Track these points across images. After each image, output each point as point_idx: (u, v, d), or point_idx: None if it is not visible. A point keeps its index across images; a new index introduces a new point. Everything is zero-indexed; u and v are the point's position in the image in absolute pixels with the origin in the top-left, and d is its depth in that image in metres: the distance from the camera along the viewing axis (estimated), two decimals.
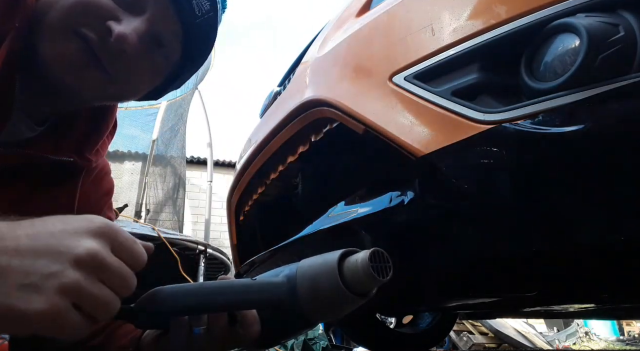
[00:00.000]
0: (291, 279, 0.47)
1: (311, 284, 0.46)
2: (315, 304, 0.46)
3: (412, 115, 0.62)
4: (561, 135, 0.47)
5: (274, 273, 0.50)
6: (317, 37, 1.11)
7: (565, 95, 0.48)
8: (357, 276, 0.44)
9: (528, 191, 0.52)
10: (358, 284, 0.44)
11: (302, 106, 0.88)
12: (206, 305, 0.46)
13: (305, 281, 0.46)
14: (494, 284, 1.05)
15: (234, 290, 0.46)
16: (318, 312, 0.46)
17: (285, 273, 0.49)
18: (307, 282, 0.46)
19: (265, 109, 1.29)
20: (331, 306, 0.46)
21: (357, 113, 0.71)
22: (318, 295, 0.45)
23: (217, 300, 0.45)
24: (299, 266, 0.48)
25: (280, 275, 0.49)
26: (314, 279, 0.46)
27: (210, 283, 0.48)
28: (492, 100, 0.55)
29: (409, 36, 0.67)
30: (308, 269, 0.48)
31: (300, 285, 0.46)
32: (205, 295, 0.46)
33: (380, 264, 0.43)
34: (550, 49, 0.52)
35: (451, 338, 4.34)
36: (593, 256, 0.74)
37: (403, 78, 0.64)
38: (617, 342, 6.36)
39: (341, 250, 0.46)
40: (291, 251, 0.96)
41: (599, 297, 1.09)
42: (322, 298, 0.45)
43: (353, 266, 0.45)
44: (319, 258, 0.48)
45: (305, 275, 0.47)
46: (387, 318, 2.46)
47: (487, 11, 0.57)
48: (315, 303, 0.46)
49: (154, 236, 2.36)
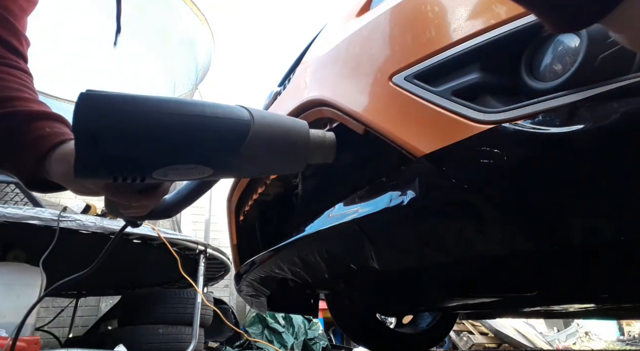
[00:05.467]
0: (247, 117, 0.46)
1: (273, 124, 0.46)
2: (265, 145, 0.45)
3: (412, 115, 0.62)
4: (561, 135, 0.47)
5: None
6: (317, 37, 1.11)
7: (565, 95, 0.48)
8: (320, 141, 0.49)
9: (528, 191, 0.52)
10: (319, 148, 0.49)
11: (302, 106, 0.88)
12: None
13: (264, 121, 0.46)
14: (494, 284, 1.05)
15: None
16: (258, 156, 0.46)
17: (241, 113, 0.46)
18: (268, 122, 0.46)
19: (265, 109, 1.29)
20: (277, 152, 0.47)
21: (357, 114, 0.71)
22: (274, 135, 0.46)
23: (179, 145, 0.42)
24: (251, 110, 0.47)
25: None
26: (279, 121, 0.47)
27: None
28: (492, 100, 0.55)
29: (409, 36, 0.67)
30: (268, 116, 0.47)
31: (258, 121, 0.45)
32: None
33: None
34: (550, 49, 0.52)
35: (451, 338, 4.34)
36: (593, 256, 0.75)
37: (403, 78, 0.64)
38: (617, 342, 6.35)
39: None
40: (291, 251, 0.96)
41: (599, 297, 1.09)
42: (276, 141, 0.46)
43: (320, 133, 0.49)
44: (275, 114, 0.49)
45: (266, 117, 0.46)
46: (387, 318, 2.46)
47: (487, 11, 0.57)
48: (267, 143, 0.45)
49: (154, 236, 2.35)
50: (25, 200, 2.44)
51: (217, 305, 3.38)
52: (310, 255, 0.91)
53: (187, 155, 0.43)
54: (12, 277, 2.14)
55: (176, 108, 0.42)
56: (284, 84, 1.20)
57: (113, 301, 4.18)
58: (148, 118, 0.41)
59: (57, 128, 0.56)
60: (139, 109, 0.41)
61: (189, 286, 2.69)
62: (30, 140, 0.53)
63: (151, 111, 0.41)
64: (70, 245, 2.25)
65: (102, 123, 0.39)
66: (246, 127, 0.44)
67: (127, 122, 0.40)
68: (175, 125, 0.42)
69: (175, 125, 0.42)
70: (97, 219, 2.20)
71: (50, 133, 0.55)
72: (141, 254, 2.63)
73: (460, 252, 0.64)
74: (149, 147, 0.41)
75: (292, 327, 3.90)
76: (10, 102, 0.55)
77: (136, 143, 0.41)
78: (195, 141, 0.43)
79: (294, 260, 0.97)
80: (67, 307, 3.97)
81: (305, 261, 0.95)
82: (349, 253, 0.84)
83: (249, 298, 1.50)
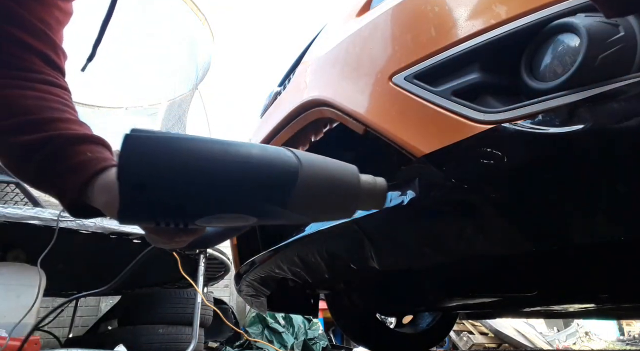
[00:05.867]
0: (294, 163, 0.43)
1: (321, 172, 0.43)
2: (313, 194, 0.43)
3: (412, 115, 0.62)
4: (561, 135, 0.47)
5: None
6: (317, 37, 1.11)
7: (565, 95, 0.48)
8: (371, 188, 0.45)
9: (528, 191, 0.52)
10: (369, 196, 0.45)
11: (302, 106, 0.88)
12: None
13: (313, 168, 0.43)
14: (494, 284, 1.05)
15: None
16: (304, 206, 0.44)
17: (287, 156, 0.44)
18: (316, 170, 0.43)
19: (265, 109, 1.29)
20: (327, 201, 0.44)
21: (357, 114, 0.71)
22: (324, 184, 0.43)
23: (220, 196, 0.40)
24: (297, 154, 0.44)
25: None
26: (327, 169, 0.44)
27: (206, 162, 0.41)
28: (492, 100, 0.55)
29: (409, 36, 0.67)
30: (316, 160, 0.45)
31: (307, 169, 0.43)
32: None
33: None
34: (550, 49, 0.52)
35: (451, 338, 4.34)
36: (593, 256, 0.75)
37: (403, 78, 0.64)
38: (617, 342, 6.35)
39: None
40: (291, 251, 0.96)
41: (599, 297, 1.09)
42: (326, 190, 0.44)
43: (370, 180, 0.46)
44: (322, 157, 0.46)
45: (315, 164, 0.44)
46: (387, 318, 2.46)
47: (487, 11, 0.57)
48: (315, 192, 0.43)
49: None
50: (25, 200, 2.44)
51: (217, 305, 3.37)
52: (310, 255, 0.91)
53: (232, 205, 0.42)
54: (12, 277, 2.14)
55: (223, 154, 0.41)
56: (284, 84, 1.20)
57: (113, 301, 4.17)
58: (195, 167, 0.40)
59: (99, 153, 0.55)
60: (186, 156, 0.40)
61: (189, 286, 2.69)
62: (74, 165, 0.52)
63: (198, 157, 0.40)
64: (70, 245, 2.25)
65: (148, 171, 0.38)
66: (294, 174, 0.42)
67: (174, 170, 0.39)
68: (222, 174, 0.40)
69: (222, 174, 0.40)
70: (97, 219, 2.20)
71: (93, 158, 0.53)
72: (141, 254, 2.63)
73: (461, 252, 0.64)
74: (194, 197, 0.40)
75: (292, 327, 3.90)
76: (52, 124, 0.54)
77: (182, 193, 0.40)
78: (242, 191, 0.41)
79: (294, 260, 0.97)
80: (67, 307, 3.97)
81: (305, 261, 0.95)
82: (349, 253, 0.84)
83: (249, 298, 1.50)
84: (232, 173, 0.41)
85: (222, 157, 0.41)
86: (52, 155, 0.53)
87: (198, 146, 0.41)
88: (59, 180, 0.53)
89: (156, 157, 0.39)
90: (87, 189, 0.52)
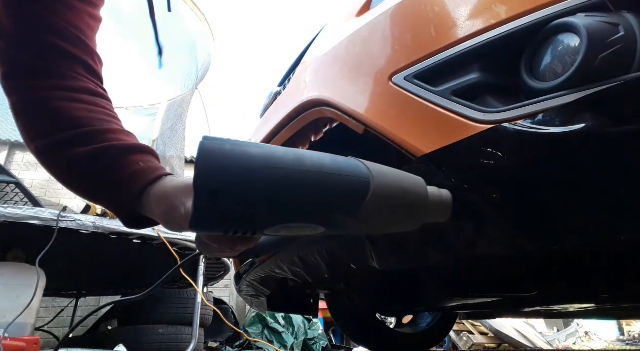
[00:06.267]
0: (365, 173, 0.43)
1: (392, 184, 0.43)
2: (385, 206, 0.43)
3: (412, 115, 0.62)
4: (561, 135, 0.47)
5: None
6: (317, 37, 1.11)
7: (565, 95, 0.48)
8: (438, 201, 0.45)
9: (528, 191, 0.52)
10: (437, 209, 0.45)
11: (302, 106, 0.88)
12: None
13: (384, 180, 0.43)
14: (494, 284, 1.05)
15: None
16: (374, 217, 0.43)
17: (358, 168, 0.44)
18: (388, 181, 0.43)
19: (265, 109, 1.29)
20: (398, 213, 0.44)
21: (357, 113, 0.71)
22: (395, 196, 0.43)
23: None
24: (368, 165, 0.44)
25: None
26: (398, 181, 0.44)
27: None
28: (492, 100, 0.55)
29: (409, 36, 0.67)
30: (386, 172, 0.44)
31: (378, 181, 0.42)
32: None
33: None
34: (550, 49, 0.52)
35: (451, 338, 4.34)
36: (592, 256, 0.75)
37: (403, 78, 0.64)
38: (617, 342, 6.35)
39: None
40: (291, 251, 0.96)
41: (599, 297, 1.09)
42: (397, 203, 0.43)
43: (437, 192, 0.47)
44: (391, 169, 0.46)
45: (385, 175, 0.44)
46: (387, 318, 2.46)
47: (487, 11, 0.57)
48: (387, 204, 0.43)
49: (155, 236, 2.35)
50: (25, 200, 2.44)
51: (217, 305, 3.38)
52: (310, 255, 0.92)
53: (304, 214, 0.42)
54: (12, 277, 2.14)
55: (296, 163, 0.41)
56: (284, 84, 1.20)
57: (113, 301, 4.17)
58: (269, 176, 0.40)
59: (150, 163, 0.55)
60: (260, 165, 0.40)
61: (189, 286, 2.69)
62: (127, 176, 0.52)
63: (271, 166, 0.40)
64: (70, 245, 2.25)
65: (223, 180, 0.39)
66: (366, 186, 0.42)
67: (249, 179, 0.39)
68: (296, 184, 0.40)
69: (296, 184, 0.40)
70: (97, 219, 2.20)
71: (146, 169, 0.53)
72: (141, 254, 2.64)
73: (461, 252, 0.64)
74: (268, 207, 0.41)
75: (292, 327, 3.90)
76: (102, 136, 0.54)
77: (256, 202, 0.40)
78: (314, 201, 0.41)
79: (294, 260, 0.97)
80: (67, 307, 3.97)
81: (305, 261, 0.95)
82: (349, 253, 0.84)
83: (249, 298, 1.50)
84: (305, 183, 0.41)
85: (295, 166, 0.41)
86: (105, 167, 0.53)
87: (271, 155, 0.41)
88: (115, 192, 0.53)
89: (231, 166, 0.39)
90: (142, 199, 0.52)
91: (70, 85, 0.56)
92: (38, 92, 0.54)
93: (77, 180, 0.56)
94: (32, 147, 0.55)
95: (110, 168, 0.53)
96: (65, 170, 0.55)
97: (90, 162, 0.53)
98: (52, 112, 0.54)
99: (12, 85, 0.55)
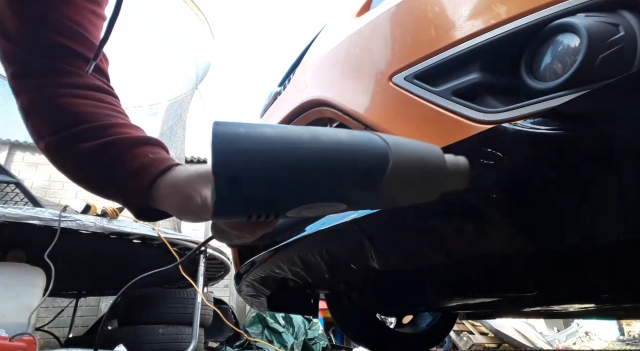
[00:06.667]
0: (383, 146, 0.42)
1: (411, 155, 0.42)
2: (405, 177, 0.42)
3: (412, 115, 0.62)
4: (561, 135, 0.47)
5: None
6: (317, 37, 1.11)
7: (565, 95, 0.48)
8: (455, 169, 0.45)
9: (528, 191, 0.52)
10: (454, 177, 0.45)
11: (302, 106, 0.88)
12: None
13: (402, 151, 0.42)
14: (494, 284, 1.05)
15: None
16: (395, 189, 0.43)
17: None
18: (406, 153, 0.42)
19: (265, 109, 1.29)
20: (418, 184, 0.43)
21: (357, 113, 0.71)
22: (414, 167, 0.42)
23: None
24: (384, 138, 0.43)
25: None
26: (416, 151, 0.43)
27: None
28: (492, 100, 0.55)
29: (409, 36, 0.67)
30: (403, 143, 0.43)
31: (396, 153, 0.41)
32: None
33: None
34: (550, 49, 0.52)
35: (451, 338, 4.34)
36: (593, 256, 0.74)
37: (403, 78, 0.64)
38: (617, 342, 6.35)
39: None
40: (291, 251, 0.96)
41: (599, 297, 1.09)
42: (416, 173, 0.43)
43: (453, 159, 0.45)
44: (408, 140, 0.45)
45: (403, 147, 0.43)
46: (387, 318, 2.46)
47: (487, 11, 0.57)
48: (406, 175, 0.42)
49: (154, 236, 2.35)
50: (25, 200, 2.44)
51: (217, 305, 3.38)
52: (310, 255, 0.91)
53: (326, 193, 0.41)
54: (12, 277, 2.14)
55: (313, 141, 0.40)
56: (284, 84, 1.20)
57: None
58: (287, 156, 0.39)
59: (159, 154, 0.55)
60: (276, 146, 0.39)
61: (189, 286, 2.69)
62: (136, 168, 0.52)
63: (289, 146, 0.39)
64: (70, 245, 2.25)
65: (242, 164, 0.38)
66: (385, 159, 0.41)
67: (268, 161, 0.38)
68: (315, 163, 0.40)
69: (315, 163, 0.40)
70: (97, 219, 2.20)
71: (155, 160, 0.53)
72: (141, 254, 2.64)
73: (461, 252, 0.64)
74: (290, 187, 0.40)
75: (292, 327, 3.90)
76: (109, 130, 0.54)
77: (276, 183, 0.39)
78: (335, 179, 0.41)
79: (294, 260, 0.97)
80: (67, 307, 3.97)
81: (305, 261, 0.95)
82: (349, 253, 0.84)
83: (249, 298, 1.50)
84: (324, 161, 0.40)
85: (312, 144, 0.40)
86: (113, 160, 0.53)
87: (287, 135, 0.40)
88: (124, 184, 0.53)
89: (247, 150, 0.38)
90: (152, 191, 0.52)
91: (77, 82, 0.56)
92: (46, 90, 0.55)
93: (86, 175, 0.56)
94: (42, 144, 0.55)
95: (118, 161, 0.53)
96: (74, 166, 0.55)
97: (98, 156, 0.53)
98: (59, 109, 0.54)
99: (21, 84, 0.56)
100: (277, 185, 0.39)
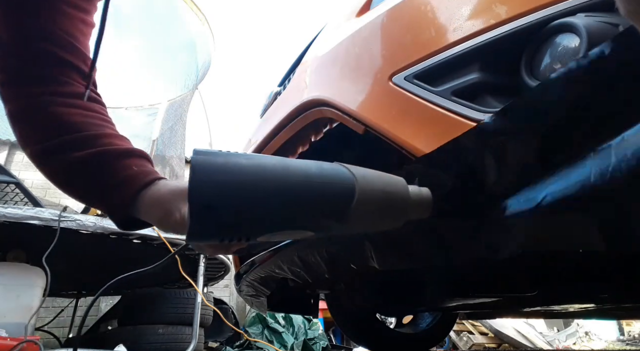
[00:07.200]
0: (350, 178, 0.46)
1: (375, 187, 0.45)
2: (369, 207, 0.45)
3: (412, 114, 0.62)
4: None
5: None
6: (317, 37, 1.11)
7: None
8: (418, 199, 0.48)
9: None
10: (418, 206, 0.48)
11: (302, 106, 0.88)
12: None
13: (368, 184, 0.45)
14: (494, 284, 1.05)
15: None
16: (361, 219, 0.46)
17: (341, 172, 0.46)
18: (371, 185, 0.46)
19: (265, 109, 1.29)
20: (382, 214, 0.47)
21: (357, 113, 0.71)
22: (378, 198, 0.45)
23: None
24: (352, 170, 0.46)
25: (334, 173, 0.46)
26: (381, 183, 0.46)
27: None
28: (492, 100, 0.55)
29: (408, 36, 0.67)
30: (369, 175, 0.47)
31: (362, 185, 0.45)
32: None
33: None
34: (550, 49, 0.52)
35: (451, 338, 4.34)
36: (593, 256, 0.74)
37: (403, 78, 0.64)
38: (617, 342, 6.35)
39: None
40: (291, 251, 0.96)
41: (599, 297, 1.09)
42: (381, 204, 0.46)
43: (417, 190, 0.49)
44: (374, 172, 0.48)
45: (369, 179, 0.46)
46: (387, 318, 2.46)
47: (487, 11, 0.57)
48: (371, 206, 0.45)
49: (154, 236, 2.35)
50: (25, 200, 2.44)
51: (217, 305, 3.38)
52: (310, 255, 0.91)
53: (295, 222, 0.44)
54: (12, 277, 2.14)
55: (284, 174, 0.43)
56: (284, 84, 1.20)
57: (113, 301, 4.18)
58: (260, 187, 0.42)
59: (144, 167, 0.56)
60: (251, 176, 0.42)
61: (189, 286, 2.69)
62: (121, 179, 0.54)
63: (262, 178, 0.42)
64: (70, 245, 2.25)
65: (216, 194, 0.40)
66: (351, 190, 0.44)
67: (240, 192, 0.41)
68: (286, 194, 0.42)
69: (286, 194, 0.42)
70: (97, 219, 2.20)
71: (139, 173, 0.55)
72: (141, 254, 2.63)
73: (461, 252, 0.64)
74: (260, 217, 0.43)
75: (292, 327, 3.90)
76: (97, 141, 0.55)
77: (249, 213, 0.42)
78: (304, 209, 0.44)
79: (294, 260, 0.97)
80: (67, 307, 3.97)
81: (305, 261, 0.95)
82: (349, 253, 0.84)
83: (249, 298, 1.50)
84: (294, 193, 0.43)
85: (284, 177, 0.43)
86: (99, 171, 0.54)
87: (261, 166, 0.43)
88: (108, 195, 0.54)
89: (223, 181, 0.41)
90: (136, 202, 0.53)
91: (65, 90, 0.57)
92: (34, 98, 0.55)
93: (71, 183, 0.57)
94: (28, 151, 0.56)
95: (103, 172, 0.54)
96: (60, 174, 0.56)
97: (84, 166, 0.54)
98: (47, 118, 0.55)
99: (10, 92, 0.56)
100: (248, 214, 0.42)
